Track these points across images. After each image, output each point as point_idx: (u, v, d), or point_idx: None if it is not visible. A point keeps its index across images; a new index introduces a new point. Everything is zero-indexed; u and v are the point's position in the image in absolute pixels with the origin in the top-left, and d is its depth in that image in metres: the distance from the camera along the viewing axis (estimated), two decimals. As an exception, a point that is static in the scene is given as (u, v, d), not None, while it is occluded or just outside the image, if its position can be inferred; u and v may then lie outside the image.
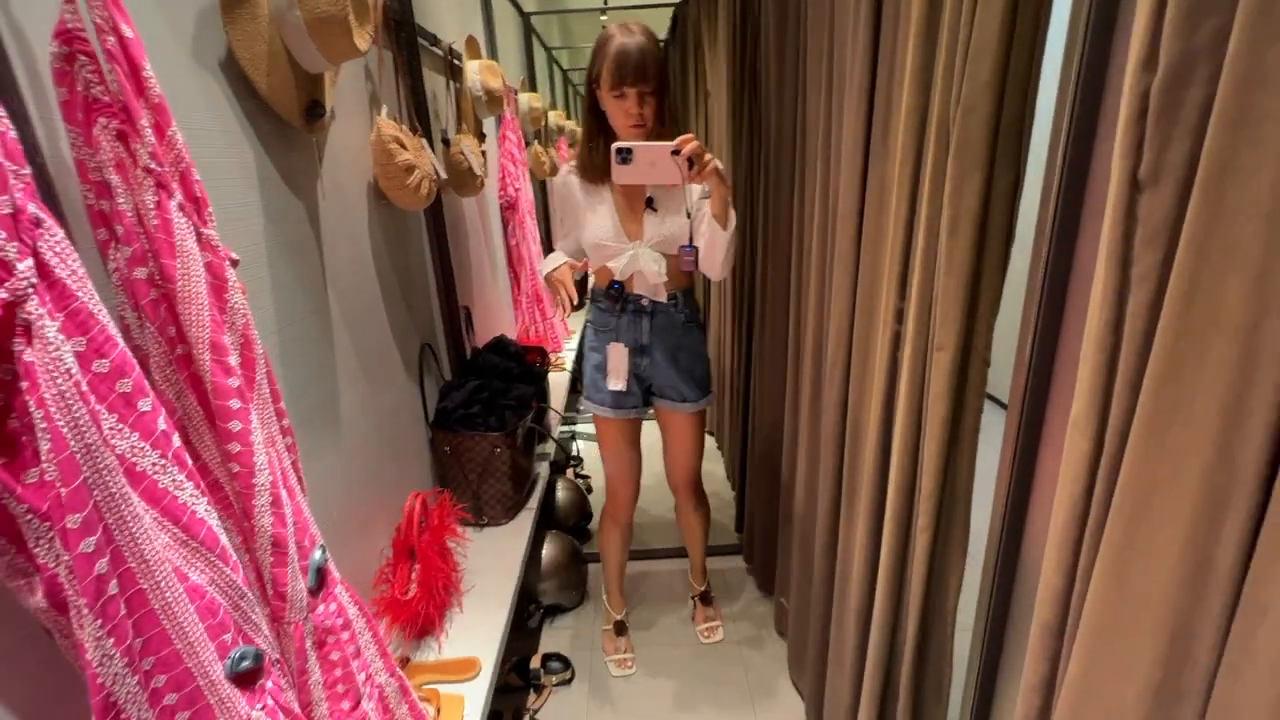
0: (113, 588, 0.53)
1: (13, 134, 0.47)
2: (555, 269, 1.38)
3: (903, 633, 0.96)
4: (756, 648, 1.73)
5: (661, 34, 4.02)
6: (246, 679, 0.64)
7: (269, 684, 0.67)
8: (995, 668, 0.76)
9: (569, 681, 1.64)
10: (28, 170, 0.48)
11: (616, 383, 1.41)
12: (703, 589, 1.83)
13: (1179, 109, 0.43)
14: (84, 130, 0.60)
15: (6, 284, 0.46)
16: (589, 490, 2.44)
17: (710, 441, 2.85)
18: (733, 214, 1.25)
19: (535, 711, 1.54)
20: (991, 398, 0.82)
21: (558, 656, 1.66)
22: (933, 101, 0.77)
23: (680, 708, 1.56)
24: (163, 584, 0.56)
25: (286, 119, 0.99)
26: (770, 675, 1.63)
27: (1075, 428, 0.54)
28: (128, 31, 0.59)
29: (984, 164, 0.68)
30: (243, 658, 0.63)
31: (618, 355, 1.40)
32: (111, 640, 0.52)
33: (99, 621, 0.51)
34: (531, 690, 1.58)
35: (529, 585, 1.84)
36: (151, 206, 0.62)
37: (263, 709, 0.65)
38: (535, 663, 1.61)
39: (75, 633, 0.52)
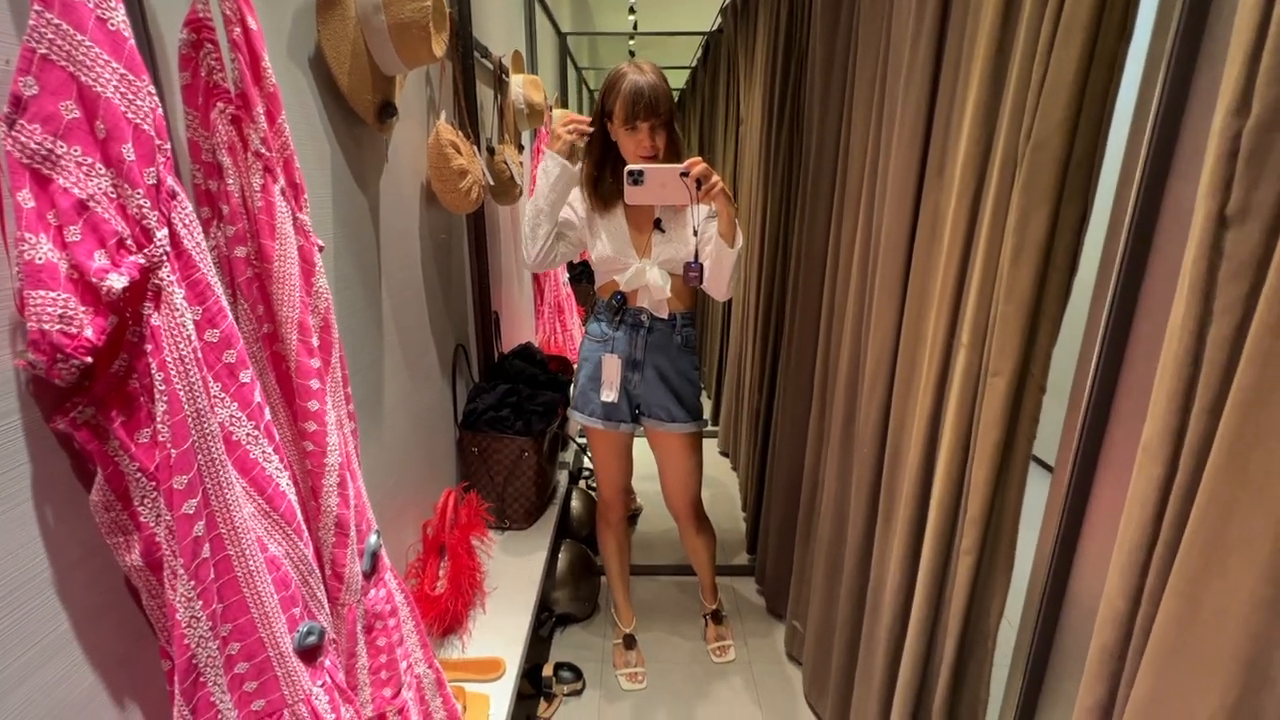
0: (206, 551, 0.54)
1: (160, 111, 0.50)
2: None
3: (938, 655, 0.96)
4: (769, 669, 1.72)
5: (689, 61, 4.12)
6: (310, 654, 0.65)
7: (327, 661, 0.68)
8: (1038, 692, 0.77)
9: (580, 692, 1.63)
10: (169, 145, 0.51)
11: (609, 394, 1.42)
12: (714, 608, 1.82)
13: (1269, 151, 0.45)
14: (202, 113, 0.63)
15: (146, 250, 0.48)
16: (601, 503, 2.44)
17: (725, 463, 2.86)
18: (739, 234, 1.29)
19: (546, 720, 1.53)
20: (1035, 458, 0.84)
21: (569, 666, 1.65)
22: (997, 137, 0.80)
23: (690, 726, 1.54)
24: (247, 552, 0.58)
25: (361, 116, 1.02)
26: (782, 697, 1.62)
27: (1146, 453, 0.56)
28: (253, 24, 0.62)
29: (1052, 198, 0.71)
30: (309, 632, 0.64)
31: (611, 366, 1.42)
32: (200, 603, 0.54)
33: (193, 583, 0.53)
34: (542, 698, 1.57)
35: (543, 593, 1.83)
36: (257, 189, 0.64)
37: (322, 685, 0.66)
38: (547, 671, 1.60)
39: (166, 593, 0.53)
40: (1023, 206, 0.73)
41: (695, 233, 1.32)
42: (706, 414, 3.25)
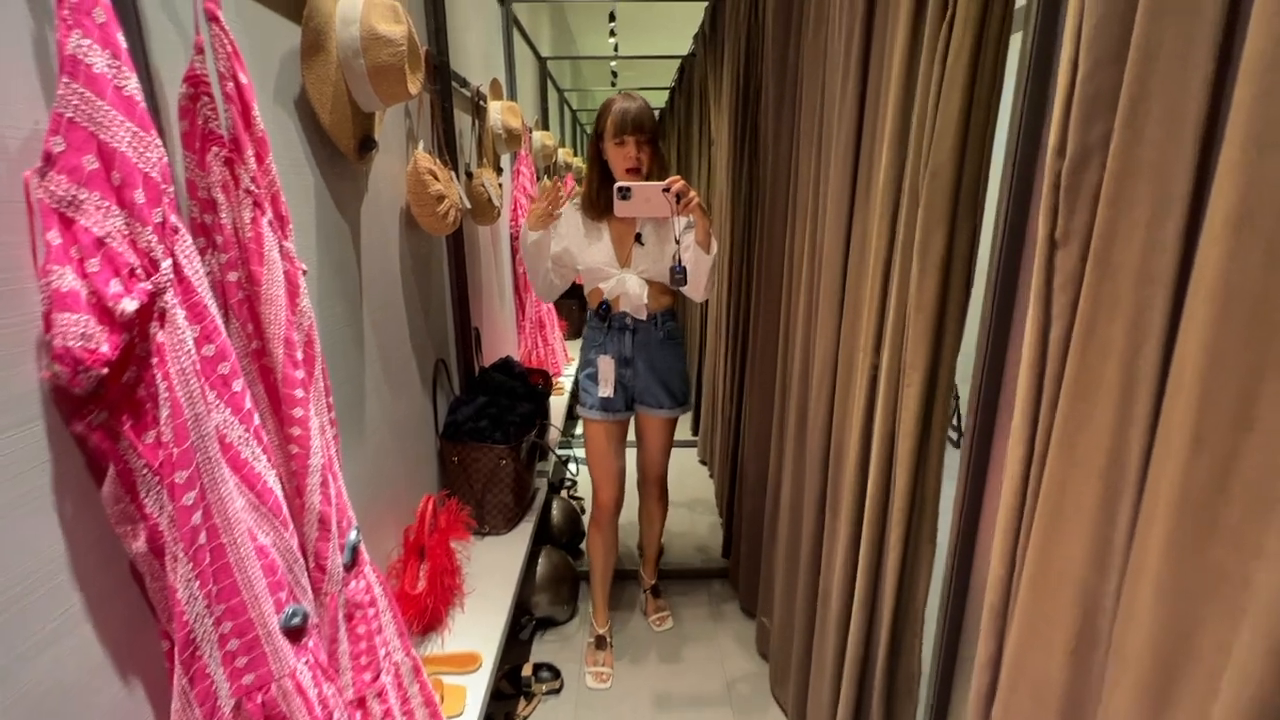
0: (202, 538, 0.62)
1: (165, 160, 0.59)
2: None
3: (877, 633, 1.05)
4: (739, 665, 1.79)
5: (668, 82, 4.26)
6: (295, 634, 0.73)
7: (310, 642, 0.76)
8: (955, 658, 0.86)
9: (558, 691, 1.69)
10: (172, 189, 0.60)
11: (605, 389, 1.62)
12: (653, 583, 2.02)
13: (1080, 187, 0.56)
14: (199, 156, 0.72)
15: (153, 277, 0.57)
16: (583, 511, 2.51)
17: (703, 471, 2.94)
18: (714, 242, 1.48)
19: (525, 718, 1.60)
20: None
21: (548, 666, 1.72)
22: (907, 166, 0.91)
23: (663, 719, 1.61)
24: (239, 540, 0.66)
25: (343, 151, 1.11)
26: (751, 692, 1.69)
27: (1013, 439, 0.66)
28: (244, 79, 0.72)
29: (947, 221, 0.82)
30: (294, 614, 0.72)
31: (606, 365, 1.63)
32: (198, 583, 0.62)
33: (191, 565, 0.61)
34: (522, 698, 1.64)
35: (522, 597, 1.90)
36: (248, 221, 0.73)
37: (306, 663, 0.74)
38: (526, 671, 1.66)
39: (167, 575, 0.61)
40: (924, 229, 0.84)
41: (677, 241, 1.52)
42: (686, 428, 3.34)
